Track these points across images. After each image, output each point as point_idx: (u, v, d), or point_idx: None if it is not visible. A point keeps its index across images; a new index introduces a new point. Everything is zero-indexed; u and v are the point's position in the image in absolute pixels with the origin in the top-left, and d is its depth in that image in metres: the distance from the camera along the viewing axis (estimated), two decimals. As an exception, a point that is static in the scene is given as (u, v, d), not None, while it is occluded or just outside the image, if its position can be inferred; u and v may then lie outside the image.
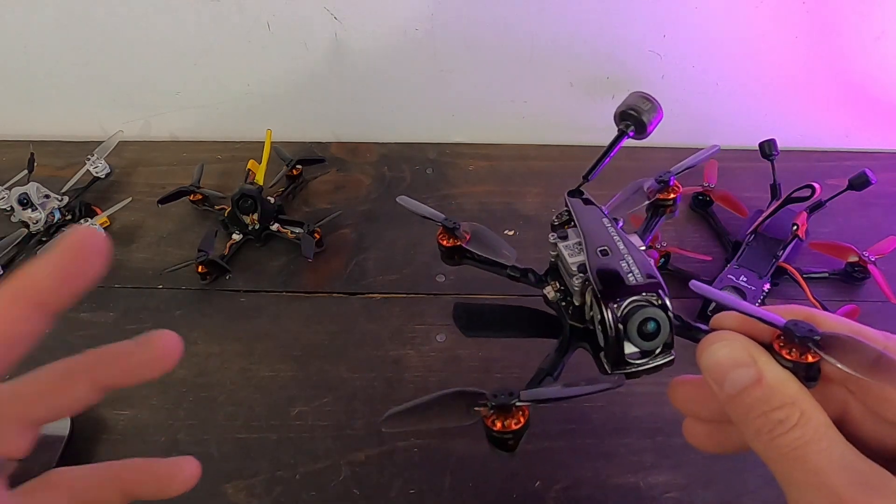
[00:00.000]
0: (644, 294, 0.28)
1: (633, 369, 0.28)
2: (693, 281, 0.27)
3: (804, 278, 0.50)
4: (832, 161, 0.65)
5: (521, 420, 0.26)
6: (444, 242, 0.36)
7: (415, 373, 0.48)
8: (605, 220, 0.32)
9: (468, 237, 0.35)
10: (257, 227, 0.57)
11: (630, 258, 0.29)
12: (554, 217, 0.33)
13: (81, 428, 0.45)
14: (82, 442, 0.44)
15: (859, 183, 0.50)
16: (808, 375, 0.24)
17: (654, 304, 0.27)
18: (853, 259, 0.52)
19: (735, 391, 0.25)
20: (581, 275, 0.29)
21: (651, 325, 0.27)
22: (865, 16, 0.59)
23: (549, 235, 0.32)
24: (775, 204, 0.53)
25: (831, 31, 0.60)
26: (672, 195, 0.39)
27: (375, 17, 0.61)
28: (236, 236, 0.57)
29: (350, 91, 0.67)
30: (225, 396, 0.47)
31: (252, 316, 0.52)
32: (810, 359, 0.24)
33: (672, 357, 0.29)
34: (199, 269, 0.54)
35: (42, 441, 0.43)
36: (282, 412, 0.46)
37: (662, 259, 0.53)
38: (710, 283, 0.51)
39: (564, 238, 0.32)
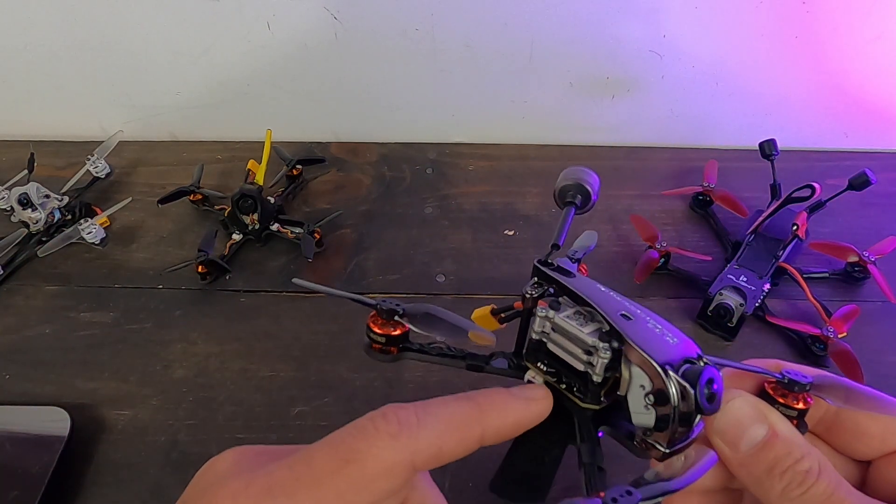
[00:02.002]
0: (686, 356, 0.24)
1: (684, 443, 0.23)
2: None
3: (804, 278, 0.50)
4: (832, 161, 0.65)
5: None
6: (379, 331, 0.29)
7: (415, 373, 0.48)
8: (598, 284, 0.27)
9: (413, 320, 0.28)
10: (257, 227, 0.57)
11: (653, 321, 0.25)
12: (526, 289, 0.28)
13: (81, 428, 0.45)
14: (82, 442, 0.44)
15: (859, 183, 0.50)
16: (801, 423, 0.25)
17: (700, 364, 0.23)
18: (853, 259, 0.52)
19: (753, 450, 0.24)
20: (605, 345, 0.24)
21: (711, 389, 0.22)
22: (865, 16, 0.59)
23: (538, 309, 0.26)
24: (775, 204, 0.53)
25: (831, 32, 0.60)
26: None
27: (375, 17, 0.61)
28: (236, 236, 0.57)
29: (350, 91, 0.67)
30: (225, 396, 0.47)
31: (252, 316, 0.52)
32: (805, 405, 0.25)
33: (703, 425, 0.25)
34: (199, 269, 0.54)
35: (42, 441, 0.43)
36: (282, 412, 0.46)
37: (662, 259, 0.53)
38: (710, 283, 0.51)
39: (558, 309, 0.26)
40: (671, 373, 0.22)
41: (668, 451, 0.23)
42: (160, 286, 0.55)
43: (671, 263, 0.54)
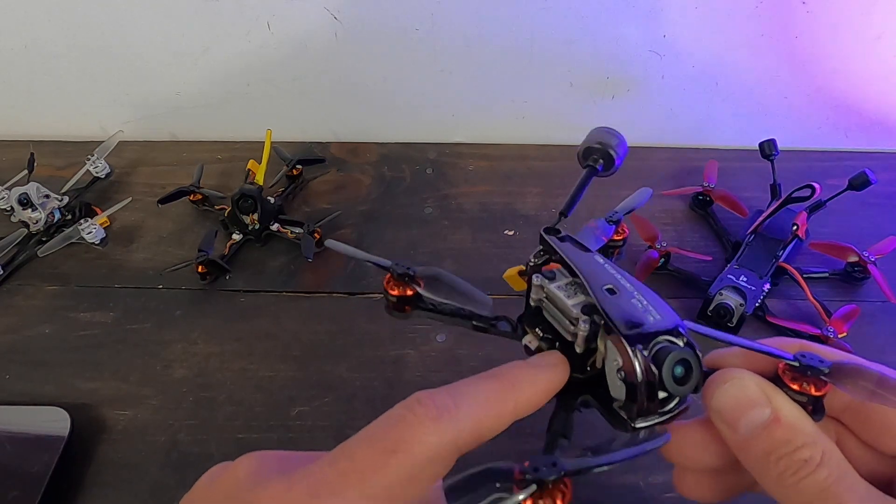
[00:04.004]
0: (667, 334, 0.24)
1: (659, 419, 0.24)
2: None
3: (804, 278, 0.50)
4: (832, 161, 0.65)
5: (564, 497, 0.21)
6: (393, 291, 0.30)
7: (415, 373, 0.48)
8: (597, 256, 0.28)
9: (422, 283, 0.29)
10: (257, 227, 0.57)
11: (640, 295, 0.25)
12: (531, 258, 0.29)
13: (81, 428, 0.45)
14: (82, 442, 0.44)
15: (859, 183, 0.50)
16: (816, 409, 0.24)
17: (679, 346, 0.24)
18: (853, 259, 0.52)
19: (751, 433, 0.23)
20: (586, 317, 0.25)
21: (679, 369, 0.23)
22: (865, 16, 0.59)
23: (534, 277, 0.28)
24: (775, 204, 0.53)
25: (831, 32, 0.60)
26: (621, 237, 0.37)
27: (375, 17, 0.61)
28: (236, 236, 0.57)
29: (350, 91, 0.67)
30: (225, 396, 0.47)
31: (252, 316, 0.52)
32: (820, 391, 0.24)
33: (689, 403, 0.25)
34: (199, 269, 0.54)
35: (42, 441, 0.43)
36: (282, 412, 0.46)
37: (662, 259, 0.53)
38: (710, 283, 0.51)
39: (552, 278, 0.27)
40: (637, 350, 0.23)
41: (635, 425, 0.24)
42: (160, 286, 0.55)
43: (671, 263, 0.54)
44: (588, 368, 0.26)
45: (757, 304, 0.49)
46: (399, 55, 0.64)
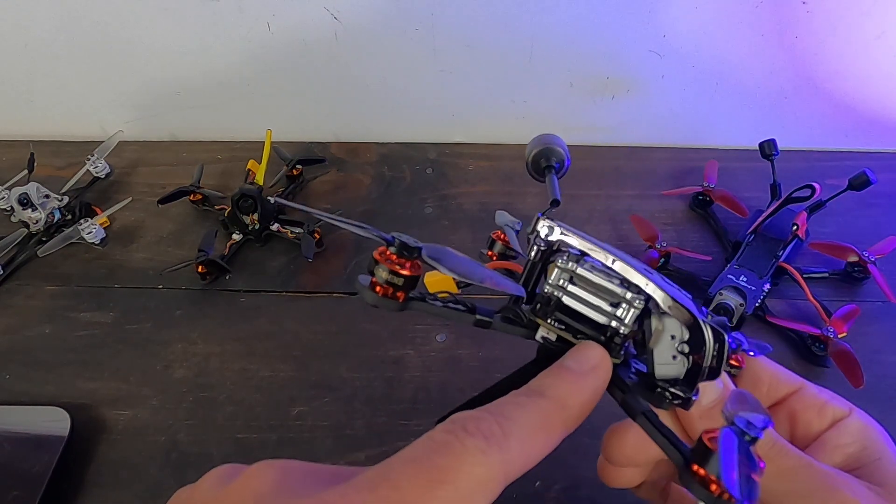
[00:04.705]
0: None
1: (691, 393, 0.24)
2: None
3: (804, 278, 0.50)
4: (832, 161, 0.65)
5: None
6: (403, 270, 0.24)
7: (415, 373, 0.48)
8: (603, 243, 0.27)
9: (421, 269, 0.25)
10: (257, 227, 0.57)
11: (661, 276, 0.25)
12: (535, 243, 0.27)
13: (81, 428, 0.45)
14: (82, 442, 0.44)
15: (859, 183, 0.50)
16: (733, 379, 0.28)
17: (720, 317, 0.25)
18: (853, 259, 0.52)
19: (711, 404, 0.26)
20: (638, 296, 0.24)
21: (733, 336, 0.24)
22: (865, 16, 0.59)
23: (558, 261, 0.25)
24: (775, 204, 0.53)
25: (831, 32, 0.60)
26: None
27: (375, 17, 0.61)
28: (236, 236, 0.57)
29: (350, 91, 0.67)
30: (225, 396, 0.47)
31: (252, 316, 0.52)
32: (739, 364, 0.27)
33: None
34: (199, 269, 0.54)
35: (42, 441, 0.43)
36: (282, 412, 0.46)
37: (662, 259, 0.53)
38: (710, 283, 0.51)
39: (578, 261, 0.25)
40: (708, 321, 0.23)
41: (693, 397, 0.24)
42: (160, 286, 0.55)
43: (671, 263, 0.54)
44: (621, 353, 0.25)
45: (757, 304, 0.49)
46: (399, 55, 0.64)
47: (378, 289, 0.24)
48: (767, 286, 0.50)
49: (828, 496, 0.23)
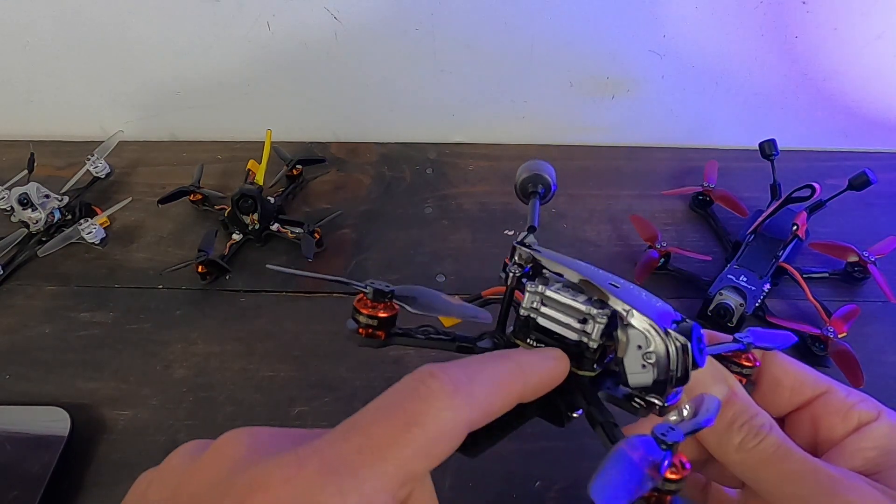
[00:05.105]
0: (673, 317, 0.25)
1: (677, 398, 0.25)
2: None
3: (804, 278, 0.50)
4: (832, 161, 0.65)
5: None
6: (365, 311, 0.27)
7: (415, 373, 0.48)
8: (578, 260, 0.28)
9: (397, 309, 0.27)
10: (257, 227, 0.57)
11: (636, 287, 0.27)
12: (509, 270, 0.28)
13: (81, 428, 0.45)
14: (82, 442, 0.44)
15: (859, 183, 0.50)
16: (749, 381, 0.28)
17: (686, 322, 0.25)
18: (853, 259, 0.52)
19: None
20: (602, 311, 0.25)
21: (703, 341, 0.25)
22: (865, 16, 0.59)
23: (528, 285, 0.27)
24: (775, 204, 0.53)
25: (831, 32, 0.60)
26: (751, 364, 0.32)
27: (375, 17, 0.61)
28: (236, 236, 0.57)
29: (350, 91, 0.67)
30: (225, 396, 0.47)
31: (252, 316, 0.52)
32: (752, 363, 0.28)
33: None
34: (199, 269, 0.54)
35: (42, 441, 0.43)
36: (282, 412, 0.46)
37: (662, 259, 0.53)
38: (710, 283, 0.51)
39: (546, 283, 0.27)
40: (671, 330, 0.24)
41: (666, 404, 0.25)
42: (160, 286, 0.55)
43: (671, 263, 0.54)
44: (595, 366, 0.26)
45: (757, 304, 0.49)
46: (399, 55, 0.64)
47: (361, 331, 0.27)
48: (767, 286, 0.50)
49: (833, 501, 0.23)
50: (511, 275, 0.28)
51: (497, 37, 0.62)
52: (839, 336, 0.47)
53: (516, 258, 0.28)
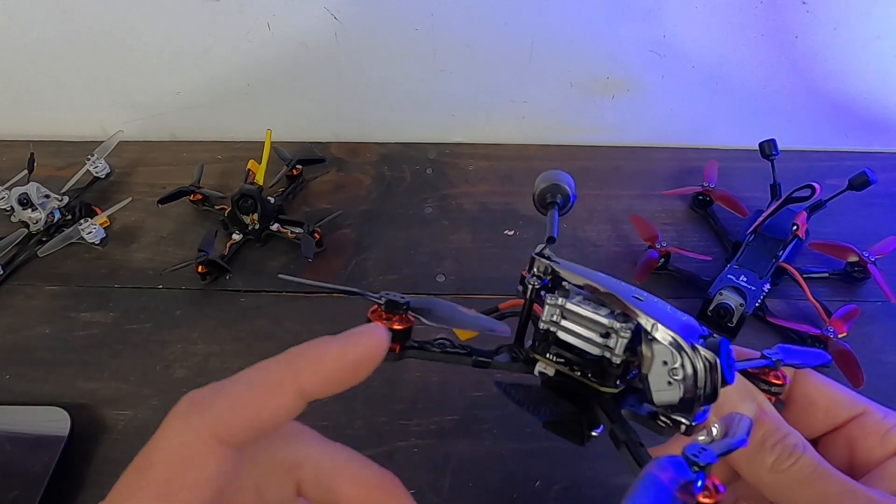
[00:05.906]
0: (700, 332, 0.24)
1: (705, 416, 0.24)
2: None
3: (804, 278, 0.50)
4: (832, 161, 0.65)
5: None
6: (392, 325, 0.26)
7: (415, 373, 0.48)
8: (597, 272, 0.27)
9: (412, 321, 0.27)
10: (257, 227, 0.57)
11: (658, 300, 0.25)
12: (528, 282, 0.27)
13: (81, 428, 0.45)
14: (82, 442, 0.44)
15: (859, 183, 0.50)
16: (779, 399, 0.27)
17: (714, 338, 0.24)
18: (853, 259, 0.52)
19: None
20: (626, 325, 0.24)
21: (732, 357, 0.23)
22: (865, 16, 0.59)
23: (548, 297, 0.26)
24: (775, 204, 0.53)
25: (831, 32, 0.60)
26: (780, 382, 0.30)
27: (375, 17, 0.61)
28: (236, 236, 0.57)
29: (350, 91, 0.67)
30: (225, 396, 0.47)
31: (252, 316, 0.52)
32: (782, 381, 0.27)
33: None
34: (199, 269, 0.54)
35: (42, 441, 0.43)
36: (282, 412, 0.46)
37: (662, 259, 0.53)
38: (710, 283, 0.51)
39: (567, 296, 0.26)
40: (698, 346, 0.23)
41: (694, 423, 0.23)
42: (160, 286, 0.55)
43: (671, 263, 0.54)
44: (618, 382, 0.25)
45: (757, 304, 0.49)
46: (399, 55, 0.64)
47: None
48: (767, 286, 0.50)
49: None
50: (530, 287, 0.27)
51: (497, 37, 0.62)
52: (839, 336, 0.47)
53: (535, 270, 0.27)
